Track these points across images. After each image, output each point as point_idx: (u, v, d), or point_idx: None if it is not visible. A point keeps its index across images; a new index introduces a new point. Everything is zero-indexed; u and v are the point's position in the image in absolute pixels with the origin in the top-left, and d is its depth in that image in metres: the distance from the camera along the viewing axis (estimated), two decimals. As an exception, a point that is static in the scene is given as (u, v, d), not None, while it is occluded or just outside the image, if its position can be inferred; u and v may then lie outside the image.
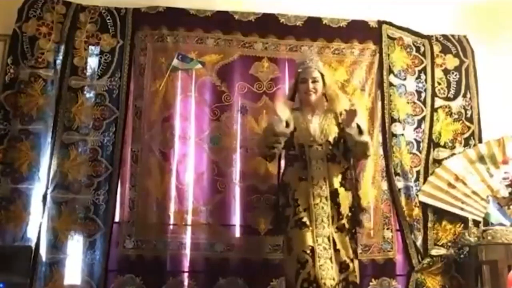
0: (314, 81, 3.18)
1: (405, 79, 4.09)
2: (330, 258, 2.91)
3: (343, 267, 2.93)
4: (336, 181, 3.05)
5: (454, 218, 3.82)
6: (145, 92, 3.84)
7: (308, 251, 2.90)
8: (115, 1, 3.95)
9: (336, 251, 2.94)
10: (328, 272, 2.87)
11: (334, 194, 3.03)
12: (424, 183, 3.89)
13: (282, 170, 3.32)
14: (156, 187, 3.69)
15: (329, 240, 2.94)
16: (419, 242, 3.76)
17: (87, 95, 3.76)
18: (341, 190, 3.06)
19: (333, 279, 2.86)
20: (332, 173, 3.06)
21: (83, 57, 3.81)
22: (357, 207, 3.15)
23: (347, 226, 3.03)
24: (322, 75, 3.25)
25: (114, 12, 3.91)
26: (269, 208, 3.48)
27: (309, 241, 2.93)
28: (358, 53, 4.08)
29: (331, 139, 3.11)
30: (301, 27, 4.05)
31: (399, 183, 3.85)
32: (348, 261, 2.95)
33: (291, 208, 3.06)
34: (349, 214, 3.07)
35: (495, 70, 4.15)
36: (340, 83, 4.00)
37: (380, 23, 4.15)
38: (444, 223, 3.83)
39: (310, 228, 2.95)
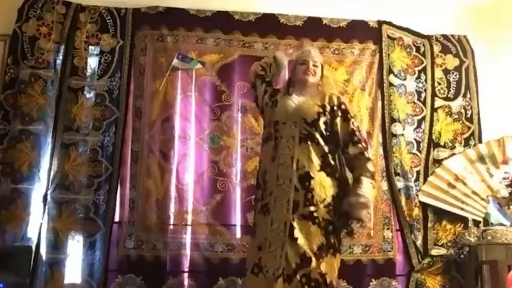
0: (315, 65, 2.90)
1: (405, 79, 4.09)
2: (282, 246, 2.58)
3: (303, 260, 2.55)
4: (311, 163, 2.67)
5: (454, 218, 3.82)
6: (145, 92, 3.85)
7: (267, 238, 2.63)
8: (115, 1, 3.95)
9: (294, 239, 2.57)
10: (274, 260, 2.57)
11: (304, 178, 2.65)
12: (424, 183, 3.89)
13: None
14: (156, 187, 3.69)
15: (285, 226, 2.60)
16: (419, 242, 3.76)
17: (87, 95, 3.76)
18: (319, 175, 2.67)
19: (278, 269, 2.54)
20: (304, 153, 2.69)
21: (83, 57, 3.82)
22: (347, 213, 2.72)
23: (321, 215, 2.62)
24: (322, 66, 2.95)
25: (114, 12, 3.92)
26: None
27: (269, 226, 2.64)
28: (358, 53, 4.09)
29: (308, 118, 2.75)
30: (301, 27, 4.06)
31: (399, 183, 3.85)
32: (310, 254, 2.56)
33: (259, 190, 2.78)
34: (331, 202, 2.66)
35: (495, 70, 4.16)
36: (340, 83, 4.00)
37: (380, 23, 4.15)
38: (444, 223, 3.83)
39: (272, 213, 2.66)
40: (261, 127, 3.75)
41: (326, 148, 2.73)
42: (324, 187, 2.68)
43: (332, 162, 2.74)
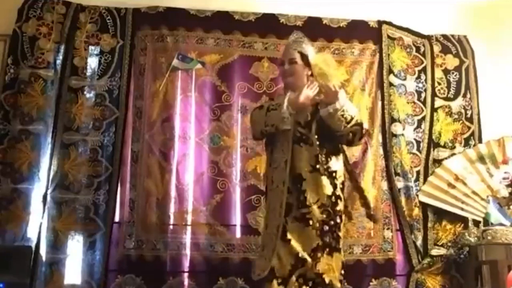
0: (291, 63, 2.83)
1: (405, 79, 4.09)
2: (274, 248, 2.60)
3: (298, 261, 2.59)
4: (302, 165, 2.68)
5: (454, 218, 3.82)
6: (145, 92, 3.84)
7: None
8: (115, 1, 3.95)
9: (286, 241, 2.60)
10: (261, 261, 2.65)
11: (296, 180, 2.67)
12: (424, 183, 3.89)
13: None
14: (156, 187, 3.69)
15: (277, 230, 2.62)
16: (419, 242, 3.77)
17: (87, 95, 3.76)
18: (311, 176, 2.67)
19: (264, 271, 2.59)
20: (297, 156, 2.69)
21: (83, 57, 3.81)
22: (365, 199, 2.94)
23: (316, 217, 2.63)
24: (304, 56, 2.86)
25: (114, 12, 3.91)
26: None
27: (265, 230, 2.79)
28: (358, 53, 4.09)
29: (302, 120, 2.76)
30: (301, 27, 4.04)
31: (399, 183, 3.85)
32: (305, 255, 2.59)
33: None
34: (326, 203, 2.66)
35: (495, 70, 4.16)
36: (340, 82, 4.00)
37: (380, 23, 4.15)
38: (444, 223, 3.83)
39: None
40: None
41: (319, 148, 2.72)
42: (317, 187, 2.69)
43: (327, 161, 2.73)
